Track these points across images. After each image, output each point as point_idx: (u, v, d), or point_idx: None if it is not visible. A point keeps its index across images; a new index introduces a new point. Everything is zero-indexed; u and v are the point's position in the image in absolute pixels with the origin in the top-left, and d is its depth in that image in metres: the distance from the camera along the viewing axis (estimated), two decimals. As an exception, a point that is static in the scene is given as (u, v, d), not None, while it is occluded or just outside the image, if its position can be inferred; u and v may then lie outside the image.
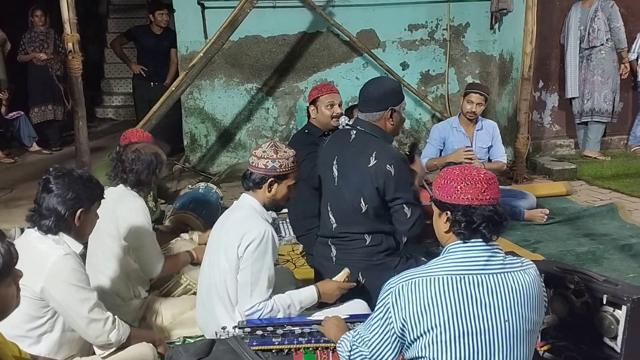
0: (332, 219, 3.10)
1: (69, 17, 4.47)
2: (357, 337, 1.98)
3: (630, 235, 4.43)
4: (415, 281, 1.81)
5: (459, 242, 1.86)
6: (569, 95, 6.55)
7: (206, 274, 2.77)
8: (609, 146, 6.89)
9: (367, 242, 3.01)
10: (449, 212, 1.88)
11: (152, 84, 6.80)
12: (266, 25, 6.37)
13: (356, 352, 1.96)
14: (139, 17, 9.41)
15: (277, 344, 2.43)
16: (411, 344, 1.82)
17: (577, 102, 6.53)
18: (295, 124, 6.64)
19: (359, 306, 2.77)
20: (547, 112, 6.92)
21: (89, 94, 6.54)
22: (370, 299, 2.82)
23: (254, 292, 2.58)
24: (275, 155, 2.65)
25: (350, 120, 3.31)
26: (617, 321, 2.27)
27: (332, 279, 2.85)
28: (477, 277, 1.80)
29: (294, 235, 4.17)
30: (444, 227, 1.91)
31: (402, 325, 1.81)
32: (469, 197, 1.84)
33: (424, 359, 1.79)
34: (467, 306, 1.77)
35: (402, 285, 1.82)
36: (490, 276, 1.81)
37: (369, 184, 2.94)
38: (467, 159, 4.44)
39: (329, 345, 2.41)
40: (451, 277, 1.79)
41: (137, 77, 6.94)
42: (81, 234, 2.45)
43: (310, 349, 2.42)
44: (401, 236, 3.20)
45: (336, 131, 3.54)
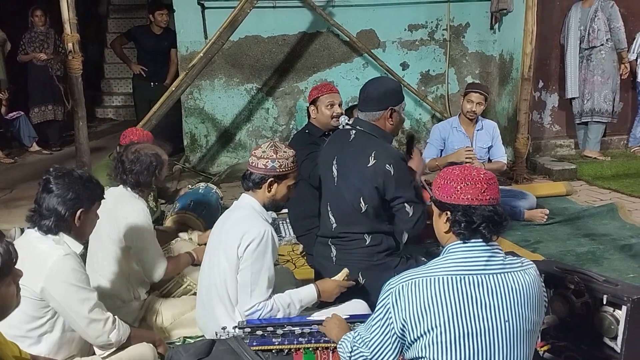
0: (332, 219, 3.10)
1: (69, 17, 4.47)
2: (358, 337, 1.98)
3: (630, 235, 4.43)
4: (415, 281, 1.81)
5: (459, 243, 1.86)
6: (569, 95, 6.55)
7: (206, 274, 2.77)
8: (609, 146, 6.89)
9: (367, 242, 3.01)
10: (449, 212, 1.88)
11: (152, 84, 6.80)
12: (266, 25, 6.38)
13: (357, 353, 1.95)
14: (139, 17, 9.41)
15: (277, 344, 2.43)
16: (411, 344, 1.82)
17: (577, 102, 6.53)
18: (295, 124, 6.64)
19: (358, 306, 2.77)
20: (547, 112, 6.92)
21: (89, 94, 6.54)
22: (370, 299, 2.82)
23: (253, 292, 2.58)
24: (275, 155, 2.65)
25: (350, 120, 3.31)
26: (617, 321, 2.27)
27: (332, 279, 2.86)
28: (477, 277, 1.80)
29: (294, 235, 4.17)
30: (444, 227, 1.91)
31: (403, 325, 1.81)
32: (468, 197, 1.84)
33: (424, 359, 1.79)
34: (468, 306, 1.77)
35: (402, 285, 1.83)
36: (490, 276, 1.81)
37: (368, 183, 2.94)
38: (468, 158, 4.44)
39: (329, 345, 2.41)
40: (451, 278, 1.80)
41: (137, 77, 6.95)
42: (81, 234, 2.45)
43: (310, 349, 2.42)
44: (401, 236, 3.21)
45: (336, 131, 3.54)
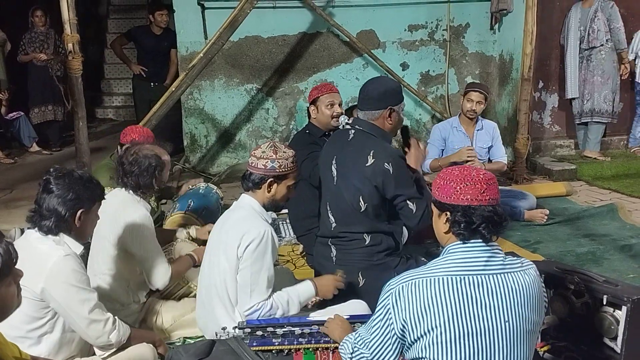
0: (332, 218, 3.11)
1: (69, 18, 4.46)
2: (359, 338, 1.98)
3: (630, 235, 4.43)
4: (415, 282, 1.81)
5: (459, 243, 1.87)
6: (568, 95, 6.56)
7: (206, 274, 2.77)
8: (608, 146, 6.90)
9: (367, 242, 3.02)
10: (449, 213, 1.88)
11: (152, 84, 6.81)
12: (266, 25, 6.38)
13: (358, 354, 1.95)
14: (139, 18, 9.41)
15: (277, 344, 2.43)
16: (411, 345, 1.83)
17: (577, 103, 6.54)
18: (295, 124, 6.64)
19: (358, 307, 2.76)
20: (547, 112, 6.92)
21: (89, 94, 6.54)
22: (370, 299, 2.81)
23: (253, 292, 2.59)
24: (274, 155, 2.66)
25: (350, 119, 3.32)
26: (617, 322, 2.27)
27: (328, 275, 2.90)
28: (477, 277, 1.80)
29: (294, 235, 4.17)
30: (444, 228, 1.91)
31: (403, 326, 1.81)
32: (468, 197, 1.84)
33: (424, 359, 1.79)
34: (467, 307, 1.77)
35: (402, 286, 1.83)
36: (490, 277, 1.81)
37: (367, 183, 2.95)
38: (469, 157, 4.45)
39: (329, 345, 2.41)
40: (451, 278, 1.80)
41: (137, 78, 6.95)
42: (82, 235, 2.45)
43: (310, 350, 2.42)
44: (400, 236, 3.21)
45: (336, 131, 3.55)
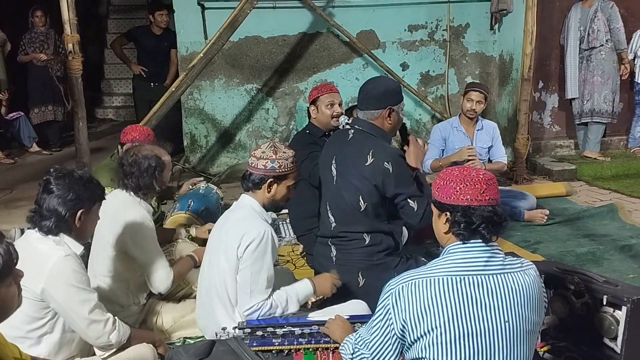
0: (332, 218, 3.11)
1: (69, 18, 4.46)
2: (359, 339, 1.98)
3: (630, 235, 4.43)
4: (415, 282, 1.82)
5: (459, 243, 1.87)
6: (568, 96, 6.55)
7: (206, 274, 2.77)
8: (608, 147, 6.89)
9: (367, 242, 3.02)
10: (449, 213, 1.88)
11: (152, 84, 6.80)
12: (266, 25, 6.38)
13: (358, 355, 1.96)
14: (139, 18, 9.41)
15: (277, 344, 2.43)
16: (411, 345, 1.83)
17: (577, 103, 6.53)
18: (295, 124, 6.64)
19: (358, 307, 2.77)
20: (547, 112, 6.92)
21: (89, 94, 6.53)
22: (370, 299, 2.81)
23: (253, 293, 2.59)
24: (274, 155, 2.66)
25: (350, 119, 3.32)
26: (617, 322, 2.27)
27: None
28: (476, 277, 1.80)
29: (295, 235, 4.18)
30: (444, 228, 1.91)
31: (403, 326, 1.81)
32: (468, 197, 1.84)
33: (424, 359, 1.79)
34: (467, 307, 1.77)
35: (402, 286, 1.83)
36: (490, 277, 1.81)
37: (367, 182, 2.95)
38: (470, 156, 4.45)
39: (329, 346, 2.41)
40: (451, 278, 1.80)
41: (137, 78, 6.95)
42: (82, 235, 2.45)
43: (310, 350, 2.42)
44: (400, 236, 3.21)
45: (335, 131, 3.55)
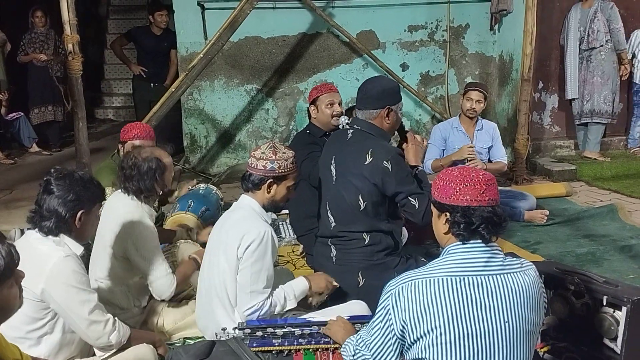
0: (331, 218, 3.11)
1: (69, 18, 4.46)
2: (360, 340, 1.99)
3: (630, 236, 4.43)
4: (414, 283, 1.82)
5: (458, 244, 1.87)
6: (568, 96, 6.55)
7: (206, 275, 2.77)
8: (608, 147, 6.89)
9: (366, 242, 3.03)
10: (448, 214, 1.88)
11: (152, 85, 6.80)
12: (266, 26, 6.38)
13: (359, 356, 1.96)
14: (138, 18, 9.40)
15: (277, 345, 2.43)
16: (411, 346, 1.83)
17: (577, 103, 6.53)
18: (295, 125, 6.64)
19: (358, 307, 2.77)
20: (546, 113, 6.92)
21: (89, 95, 6.55)
22: (370, 299, 2.82)
23: (253, 293, 2.59)
24: (274, 156, 2.66)
25: (350, 119, 3.32)
26: (617, 322, 2.27)
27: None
28: (476, 278, 1.80)
29: (295, 235, 4.18)
30: (443, 229, 1.92)
31: (402, 327, 1.81)
32: (467, 198, 1.84)
33: (424, 360, 1.80)
34: (467, 308, 1.77)
35: (401, 287, 1.83)
36: (489, 277, 1.81)
37: (366, 181, 2.96)
38: (470, 155, 4.45)
39: (329, 346, 2.41)
40: (451, 279, 1.80)
41: (137, 78, 6.95)
42: (82, 236, 2.45)
43: (310, 350, 2.42)
44: (400, 236, 3.21)
45: (335, 131, 3.55)
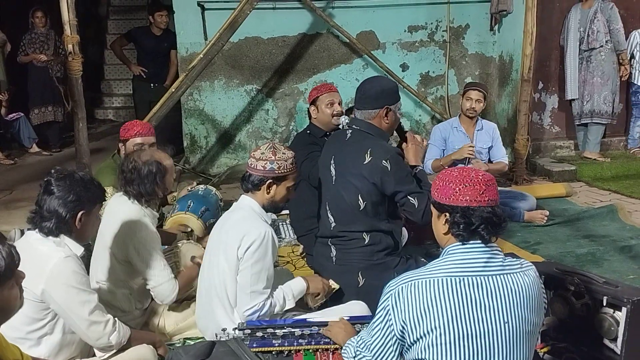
0: (331, 218, 3.11)
1: (69, 19, 4.47)
2: (360, 341, 1.99)
3: (630, 236, 4.43)
4: (414, 283, 1.82)
5: (458, 244, 1.87)
6: (568, 96, 6.55)
7: (206, 275, 2.77)
8: (608, 147, 6.89)
9: (366, 242, 3.03)
10: (448, 214, 1.89)
11: (152, 85, 6.81)
12: (266, 26, 6.38)
13: (360, 357, 1.96)
14: (138, 19, 9.41)
15: (277, 345, 2.43)
16: (411, 346, 1.83)
17: (577, 104, 6.54)
18: (295, 125, 6.64)
19: (358, 308, 2.77)
20: (546, 113, 6.92)
21: (89, 95, 6.54)
22: (370, 299, 2.82)
23: (253, 293, 2.60)
24: (273, 156, 2.66)
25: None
26: (617, 323, 2.27)
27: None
28: (476, 279, 1.80)
29: (295, 236, 4.18)
30: (443, 229, 1.92)
31: (402, 327, 1.81)
32: (467, 198, 1.85)
33: (423, 360, 1.80)
34: (466, 308, 1.77)
35: (401, 287, 1.83)
36: (489, 278, 1.81)
37: (366, 181, 2.96)
38: (470, 154, 4.46)
39: (329, 347, 2.41)
40: (450, 279, 1.80)
41: (137, 79, 6.95)
42: (82, 236, 2.45)
43: (310, 351, 2.42)
44: (400, 236, 3.22)
45: (334, 132, 3.56)
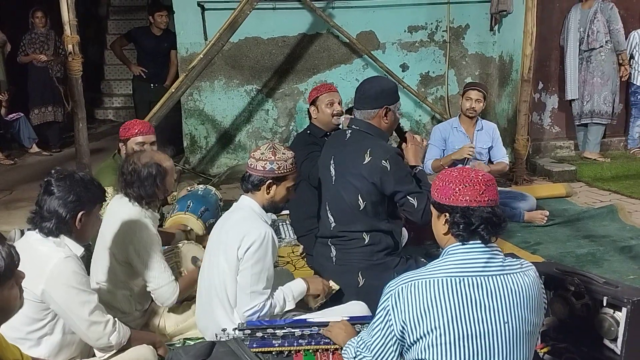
0: (331, 218, 3.12)
1: (69, 19, 4.46)
2: (361, 342, 1.99)
3: (630, 236, 4.43)
4: (414, 283, 1.82)
5: (458, 244, 1.87)
6: (568, 97, 6.56)
7: (205, 275, 2.77)
8: (608, 148, 6.90)
9: (366, 241, 3.03)
10: (448, 214, 1.89)
11: (152, 85, 6.81)
12: (266, 26, 6.38)
13: (360, 357, 1.96)
14: (139, 19, 9.41)
15: (277, 345, 2.43)
16: (411, 347, 1.83)
17: (577, 104, 6.54)
18: (295, 125, 6.64)
19: (358, 308, 2.77)
20: (546, 113, 6.92)
21: (89, 95, 6.54)
22: (370, 299, 2.82)
23: (253, 294, 2.60)
24: (273, 157, 2.66)
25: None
26: (617, 323, 2.27)
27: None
28: (476, 279, 1.80)
29: (295, 236, 4.18)
30: (443, 229, 1.92)
31: (402, 327, 1.81)
32: (467, 198, 1.85)
33: (423, 361, 1.80)
34: (466, 309, 1.77)
35: (401, 287, 1.83)
36: (489, 278, 1.81)
37: (365, 180, 2.96)
38: (469, 155, 4.46)
39: (329, 347, 2.41)
40: (450, 280, 1.80)
41: (137, 79, 6.95)
42: (82, 237, 2.45)
43: (310, 351, 2.42)
44: (400, 236, 3.22)
45: (333, 132, 3.56)
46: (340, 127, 3.80)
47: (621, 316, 2.26)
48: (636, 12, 6.87)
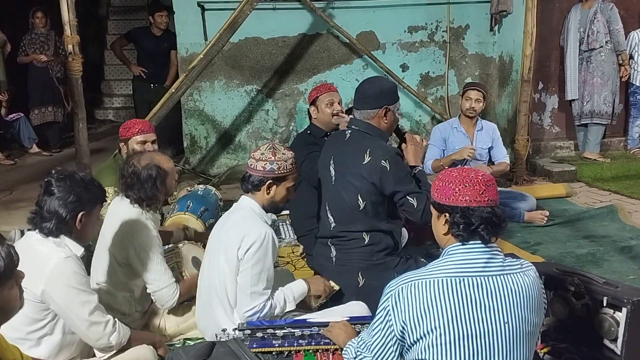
0: (331, 218, 3.12)
1: (69, 19, 4.47)
2: (361, 342, 1.99)
3: (630, 237, 4.43)
4: (414, 284, 1.82)
5: (458, 245, 1.87)
6: (568, 97, 6.56)
7: (205, 275, 2.77)
8: (608, 148, 6.90)
9: (366, 242, 3.03)
10: (448, 214, 1.89)
11: (152, 85, 6.81)
12: (266, 27, 6.38)
13: (360, 358, 1.96)
14: (139, 19, 9.41)
15: (277, 346, 2.43)
16: (411, 347, 1.83)
17: (577, 104, 6.54)
18: (295, 125, 6.64)
19: (358, 308, 2.78)
20: (546, 113, 6.93)
21: (89, 95, 6.54)
22: (370, 299, 2.82)
23: (253, 294, 2.60)
24: (273, 157, 2.66)
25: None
26: (617, 323, 2.27)
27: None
28: (476, 279, 1.81)
29: (295, 236, 4.18)
30: (443, 229, 1.92)
31: (402, 327, 1.82)
32: (467, 198, 1.85)
33: (423, 361, 1.80)
34: (466, 309, 1.77)
35: (401, 287, 1.83)
36: (489, 278, 1.81)
37: (365, 180, 2.96)
38: (469, 156, 4.47)
39: (329, 347, 2.41)
40: (450, 280, 1.80)
41: (137, 79, 6.95)
42: (82, 237, 2.45)
43: (310, 352, 2.42)
44: (399, 236, 3.22)
45: (333, 132, 3.56)
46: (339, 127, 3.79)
47: (621, 316, 2.26)
48: (636, 12, 6.88)
